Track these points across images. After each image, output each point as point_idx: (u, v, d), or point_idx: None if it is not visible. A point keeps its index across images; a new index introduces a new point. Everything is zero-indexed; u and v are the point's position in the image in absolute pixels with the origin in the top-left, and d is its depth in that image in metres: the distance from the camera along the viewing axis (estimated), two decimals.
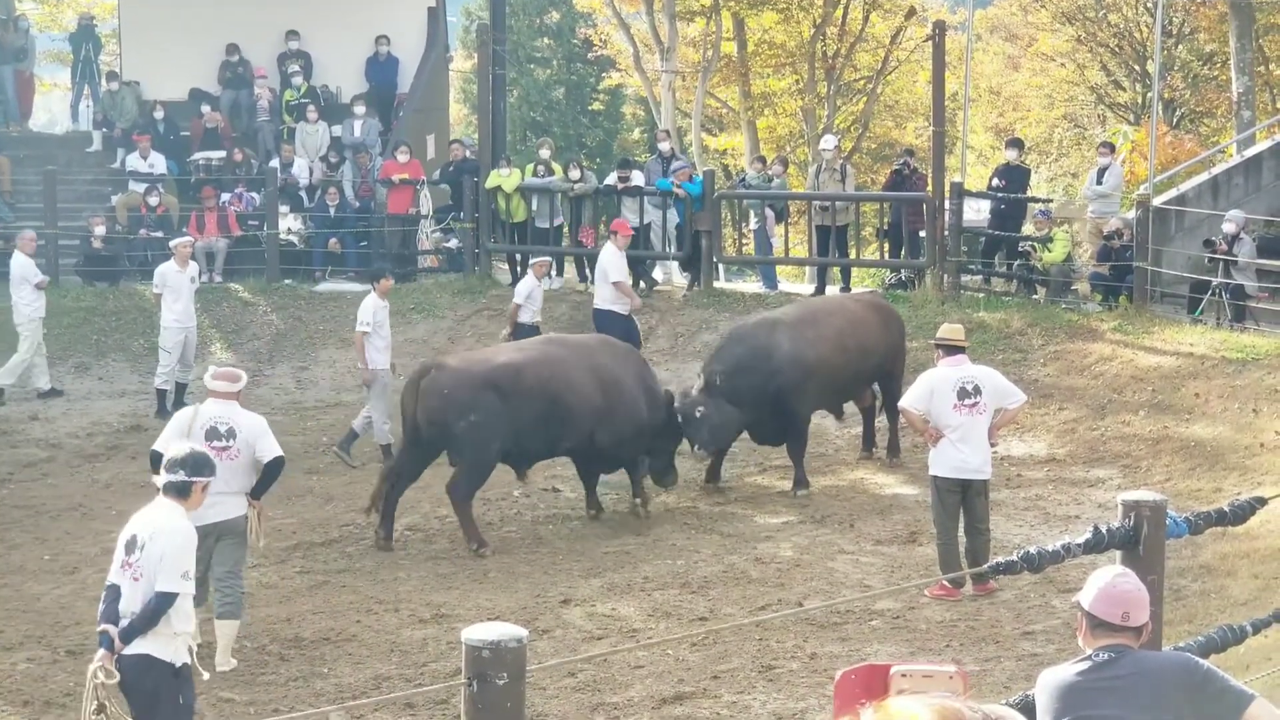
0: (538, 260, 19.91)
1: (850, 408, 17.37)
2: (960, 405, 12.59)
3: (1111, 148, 23.52)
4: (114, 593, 8.44)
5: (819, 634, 11.75)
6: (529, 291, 19.13)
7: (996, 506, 15.40)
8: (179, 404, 17.85)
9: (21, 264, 19.95)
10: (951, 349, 12.88)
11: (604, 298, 19.09)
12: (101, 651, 8.33)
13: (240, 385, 11.56)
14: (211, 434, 11.06)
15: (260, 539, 11.58)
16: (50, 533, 15.08)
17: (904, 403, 13.04)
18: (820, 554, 14.08)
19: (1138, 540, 6.43)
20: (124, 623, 8.35)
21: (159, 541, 8.32)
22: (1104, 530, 6.50)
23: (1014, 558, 6.58)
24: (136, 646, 8.34)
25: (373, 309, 17.40)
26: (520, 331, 18.47)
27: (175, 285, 19.30)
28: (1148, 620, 5.61)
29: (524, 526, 15.19)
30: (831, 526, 14.98)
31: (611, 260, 19.04)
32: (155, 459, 11.21)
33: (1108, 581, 5.59)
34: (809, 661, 11.15)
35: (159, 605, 8.29)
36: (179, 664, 8.46)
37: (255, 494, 11.28)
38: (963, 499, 12.76)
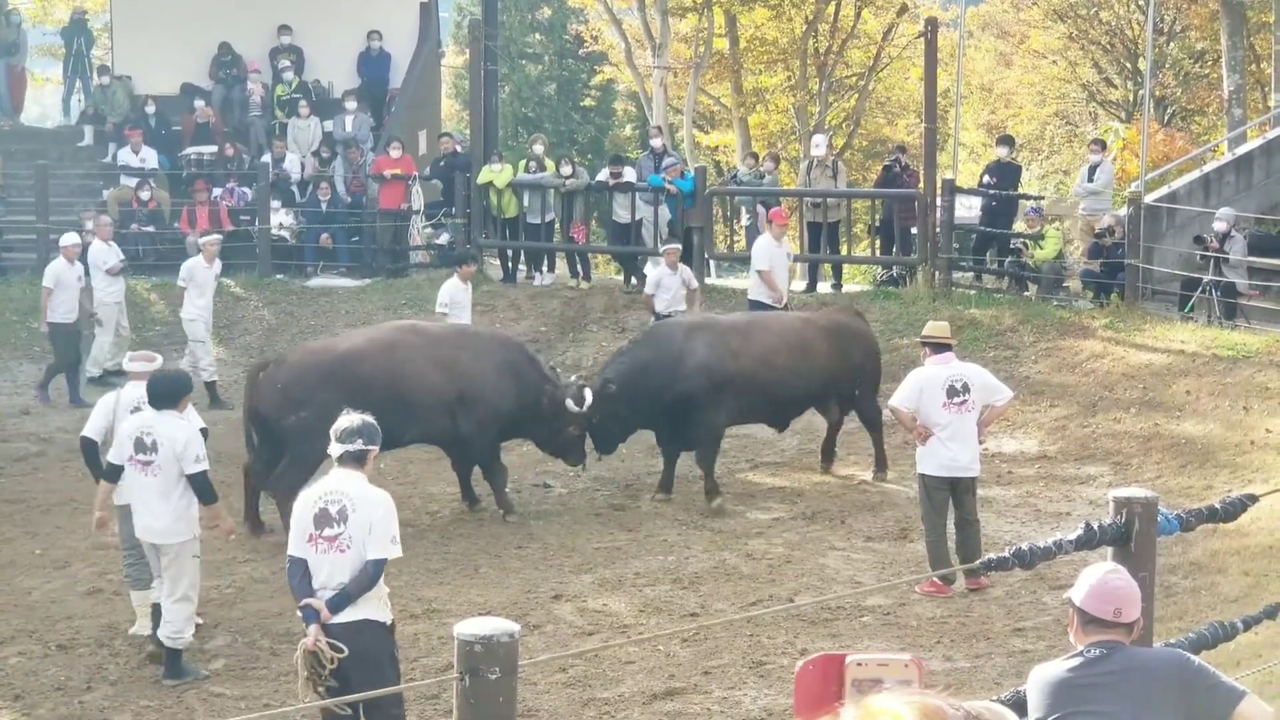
0: (668, 247, 19.51)
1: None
2: (949, 403, 12.58)
3: (1103, 145, 23.55)
4: (301, 567, 8.56)
5: (810, 630, 11.76)
6: (658, 279, 18.93)
7: (988, 504, 15.42)
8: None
9: (97, 250, 20.34)
10: (939, 346, 12.83)
11: (754, 287, 18.97)
12: (314, 627, 8.43)
13: (156, 365, 12.01)
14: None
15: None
16: (41, 527, 15.06)
17: (894, 401, 12.91)
18: (811, 550, 14.09)
19: (1129, 537, 6.44)
20: (327, 594, 8.48)
21: (364, 511, 8.51)
22: (1095, 527, 6.51)
23: (1005, 554, 6.58)
24: (351, 614, 8.51)
25: (451, 291, 18.05)
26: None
27: (201, 281, 19.62)
28: (1139, 617, 5.62)
29: (514, 521, 15.18)
30: (822, 523, 14.99)
31: (759, 249, 18.97)
32: (86, 446, 11.86)
33: (1099, 578, 5.60)
34: (800, 657, 11.10)
35: (376, 571, 8.53)
36: (390, 621, 8.72)
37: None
38: (951, 496, 12.77)
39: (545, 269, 23.63)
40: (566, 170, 23.18)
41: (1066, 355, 18.89)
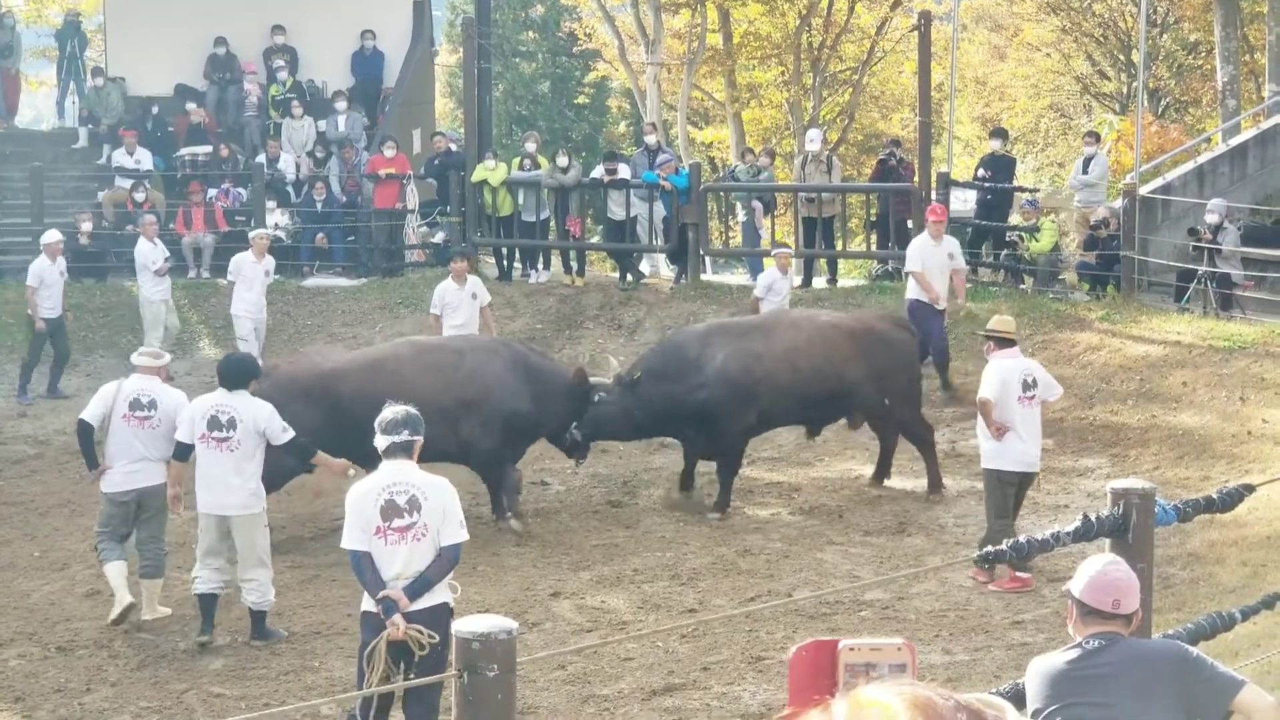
0: (780, 251, 19.47)
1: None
2: (1023, 397, 12.55)
3: (1097, 137, 23.56)
4: (368, 560, 8.65)
5: (808, 625, 11.77)
6: (770, 284, 18.74)
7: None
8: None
9: (143, 249, 20.48)
10: (1003, 341, 12.75)
11: (911, 287, 18.12)
12: (398, 617, 8.50)
13: (161, 363, 12.55)
14: (134, 405, 11.99)
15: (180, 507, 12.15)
16: (39, 529, 15.07)
17: (985, 394, 12.64)
18: (809, 545, 14.10)
19: (1127, 528, 6.45)
20: (402, 583, 8.56)
21: (435, 498, 8.65)
22: (1093, 519, 6.52)
23: (1003, 546, 6.59)
24: (429, 599, 8.61)
25: (442, 293, 17.75)
26: None
27: (249, 276, 19.66)
28: (1138, 608, 5.63)
29: (514, 529, 15.17)
30: (820, 518, 15.00)
31: (912, 250, 18.18)
32: (83, 429, 12.20)
33: (1098, 569, 5.61)
34: None
35: (456, 556, 8.70)
36: (453, 604, 8.79)
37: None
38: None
39: (540, 266, 23.62)
40: (563, 161, 23.15)
41: (1063, 347, 18.90)
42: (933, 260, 17.85)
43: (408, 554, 8.59)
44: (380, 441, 8.76)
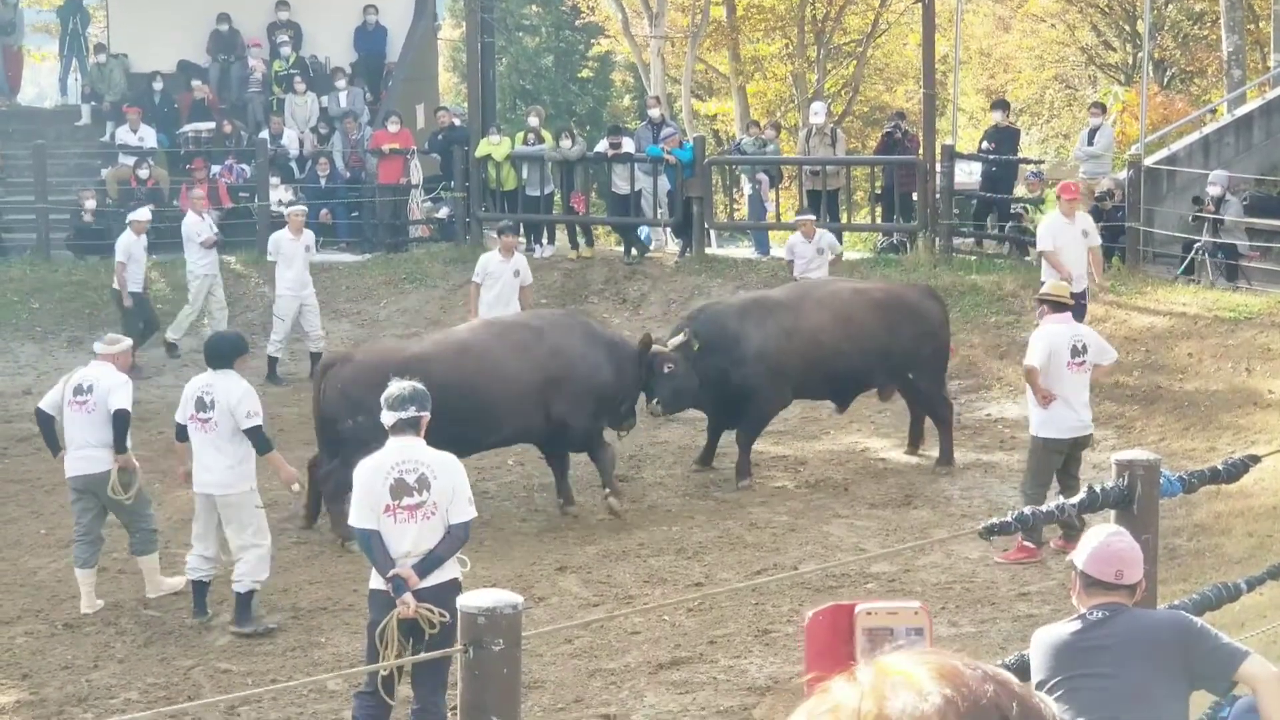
0: (803, 219, 19.34)
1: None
2: (1072, 363, 12.39)
3: (1103, 108, 23.49)
4: (378, 539, 8.64)
5: (815, 598, 11.76)
6: (792, 246, 18.77)
7: (991, 468, 15.46)
8: (311, 372, 18.26)
9: (189, 223, 20.44)
10: (1057, 305, 12.61)
11: (1045, 270, 17.12)
12: (408, 595, 8.54)
13: (117, 349, 12.45)
14: (77, 390, 12.13)
15: (119, 492, 12.04)
16: (46, 507, 15.08)
17: (1030, 361, 12.49)
18: (815, 518, 14.11)
19: (1132, 500, 6.44)
20: (410, 561, 8.60)
21: (444, 477, 8.67)
22: (1098, 490, 6.51)
23: (1008, 518, 6.58)
24: (439, 576, 8.66)
25: (484, 263, 17.82)
26: None
27: (289, 253, 19.38)
28: (1141, 578, 5.63)
29: (518, 495, 15.20)
30: (826, 490, 15.01)
31: (1044, 228, 17.30)
32: (40, 418, 12.37)
33: (1101, 540, 5.61)
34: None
35: (465, 533, 8.81)
36: (462, 579, 8.84)
37: (117, 449, 12.02)
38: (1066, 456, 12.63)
39: (545, 241, 23.60)
40: (567, 144, 23.12)
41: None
42: (1065, 238, 16.86)
43: (417, 532, 8.62)
44: (387, 418, 8.76)
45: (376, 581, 8.75)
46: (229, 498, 11.56)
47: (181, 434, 11.79)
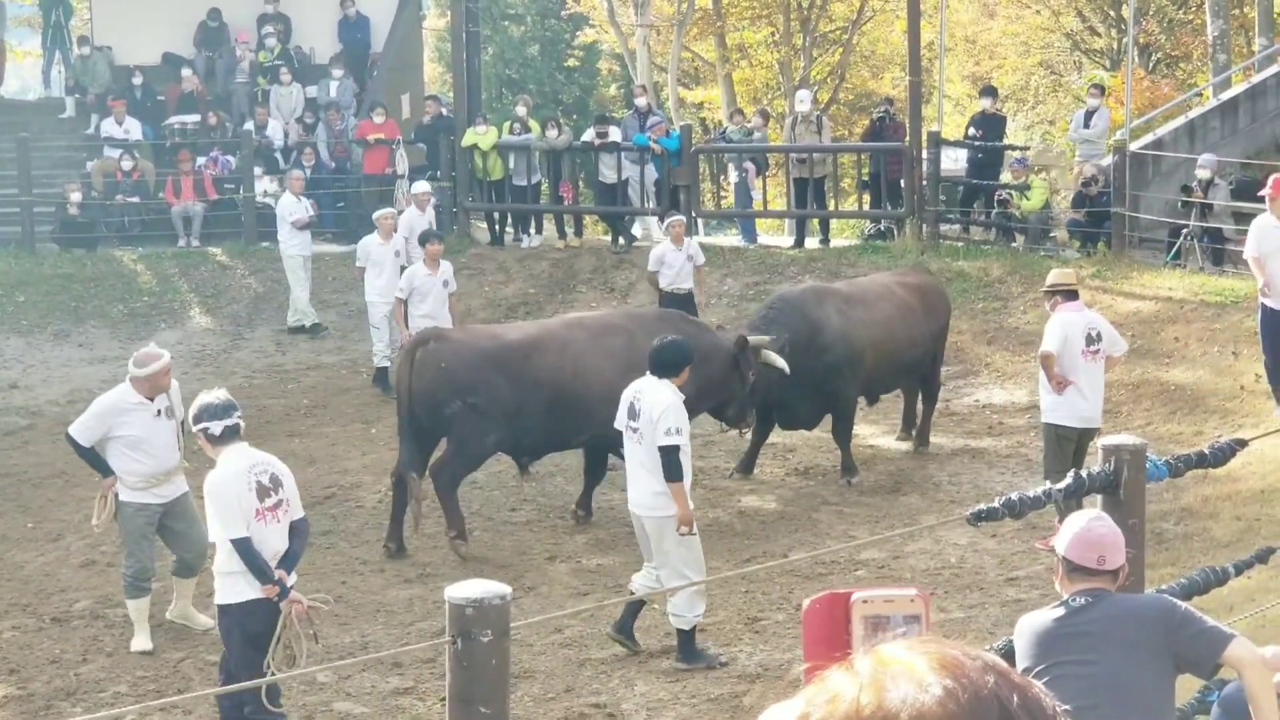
0: (673, 220, 18.87)
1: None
2: (1087, 351, 12.31)
3: (1102, 89, 23.44)
4: (252, 545, 8.78)
5: (804, 585, 11.77)
6: (662, 256, 18.23)
7: (979, 454, 15.47)
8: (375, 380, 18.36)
9: (285, 203, 20.39)
10: (1069, 294, 12.47)
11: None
12: (294, 593, 8.83)
13: (145, 371, 10.89)
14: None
15: (95, 517, 11.30)
16: (33, 501, 15.05)
17: (1047, 348, 12.38)
18: (804, 506, 14.12)
19: (1118, 484, 6.44)
20: (274, 562, 8.82)
21: (286, 474, 9.01)
22: (1084, 475, 6.52)
23: (996, 504, 6.59)
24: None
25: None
26: None
27: (378, 259, 18.41)
28: (1124, 563, 5.63)
29: (508, 485, 15.17)
30: (815, 478, 15.01)
31: (1254, 231, 14.65)
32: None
33: (1083, 526, 5.61)
34: (794, 613, 11.16)
35: (307, 527, 9.27)
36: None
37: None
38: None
39: (533, 231, 23.59)
40: (554, 133, 23.10)
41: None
42: (1271, 243, 14.30)
43: (279, 531, 8.88)
44: (215, 426, 8.82)
45: (250, 591, 8.81)
46: (656, 519, 10.60)
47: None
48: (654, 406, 10.26)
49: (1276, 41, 26.93)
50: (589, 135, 23.32)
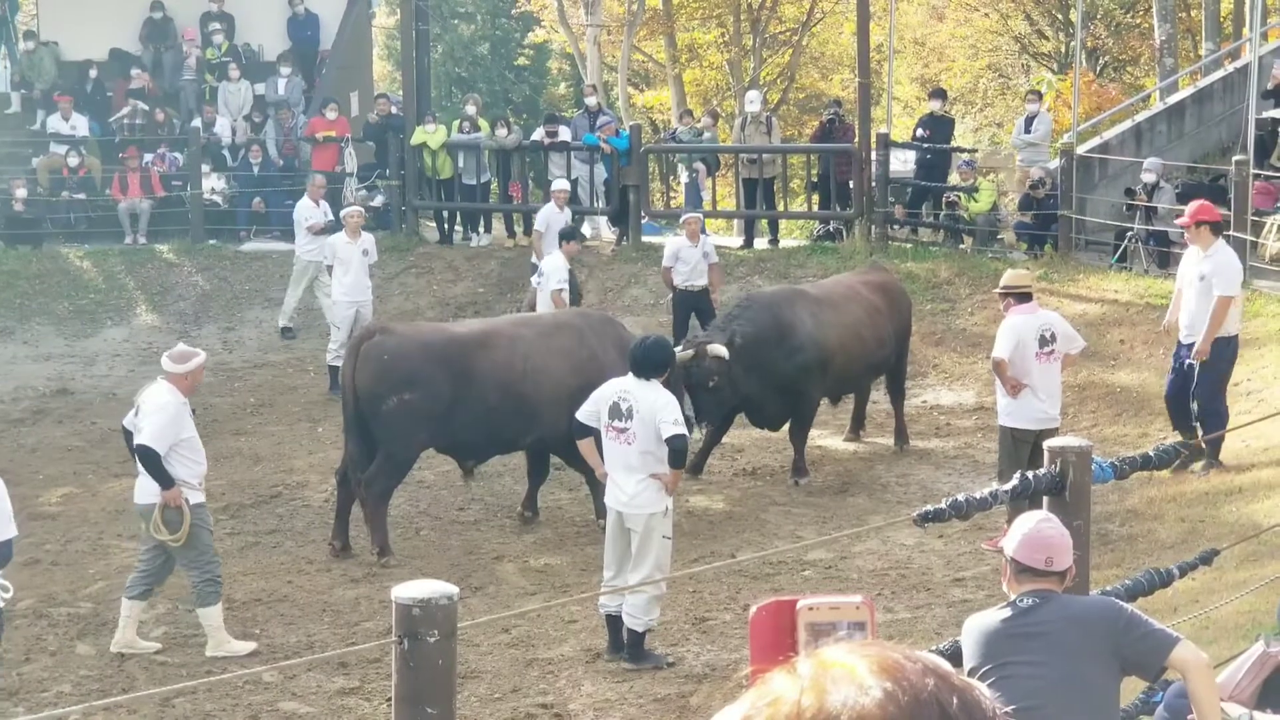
0: (689, 218, 18.72)
1: None
2: (1041, 353, 12.33)
3: (1039, 96, 23.63)
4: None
5: (752, 585, 11.81)
6: (676, 251, 18.14)
7: (926, 455, 15.54)
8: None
9: (302, 207, 20.18)
10: (1022, 296, 12.48)
11: None
12: None
13: (182, 368, 10.86)
14: (135, 409, 11.03)
15: (162, 531, 10.85)
16: None
17: (998, 354, 12.38)
18: (752, 506, 14.14)
19: (1064, 486, 6.48)
20: None
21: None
22: (1030, 477, 6.55)
23: (943, 505, 6.61)
24: None
25: (552, 263, 17.36)
26: None
27: (345, 257, 18.26)
28: (1071, 565, 5.66)
29: (455, 484, 15.13)
30: (763, 478, 15.04)
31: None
32: (126, 436, 11.15)
33: (1030, 527, 5.64)
34: (742, 613, 11.18)
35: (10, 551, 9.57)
36: None
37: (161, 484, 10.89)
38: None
39: (482, 230, 23.55)
40: (503, 132, 23.07)
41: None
42: (1189, 275, 14.18)
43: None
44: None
45: None
46: (639, 517, 10.50)
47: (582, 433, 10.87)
48: (652, 405, 10.29)
49: (1223, 46, 27.14)
50: (538, 134, 23.30)
